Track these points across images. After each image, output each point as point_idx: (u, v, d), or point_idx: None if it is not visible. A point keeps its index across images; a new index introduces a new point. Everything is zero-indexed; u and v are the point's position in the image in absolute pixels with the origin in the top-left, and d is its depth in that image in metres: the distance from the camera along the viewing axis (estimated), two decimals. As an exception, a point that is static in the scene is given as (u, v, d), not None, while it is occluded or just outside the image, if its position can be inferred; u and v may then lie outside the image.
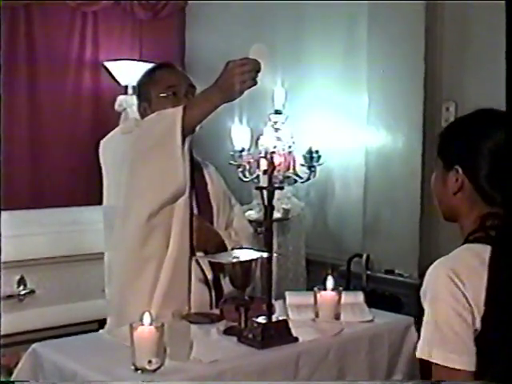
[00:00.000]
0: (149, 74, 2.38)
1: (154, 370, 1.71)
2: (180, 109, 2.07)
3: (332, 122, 3.79)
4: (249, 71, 1.96)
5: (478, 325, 1.34)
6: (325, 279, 2.16)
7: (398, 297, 3.33)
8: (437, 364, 1.35)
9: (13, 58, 4.23)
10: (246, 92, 2.03)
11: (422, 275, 3.34)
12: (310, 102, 3.87)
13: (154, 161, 2.10)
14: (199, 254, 2.26)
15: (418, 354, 1.38)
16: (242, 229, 2.45)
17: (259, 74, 1.98)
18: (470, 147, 1.42)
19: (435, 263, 1.40)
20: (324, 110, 3.81)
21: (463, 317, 1.33)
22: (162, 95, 2.28)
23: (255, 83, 1.98)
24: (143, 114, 2.33)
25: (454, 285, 1.34)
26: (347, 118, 3.81)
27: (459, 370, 1.33)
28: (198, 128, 2.17)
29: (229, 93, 2.00)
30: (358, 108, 3.67)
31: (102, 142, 2.30)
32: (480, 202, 1.43)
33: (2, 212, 2.94)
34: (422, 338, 1.40)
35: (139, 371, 1.71)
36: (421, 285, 1.44)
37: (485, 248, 1.36)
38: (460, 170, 1.43)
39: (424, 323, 1.39)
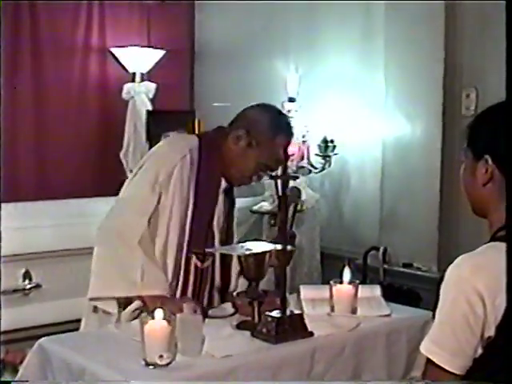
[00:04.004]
0: (274, 133, 2.23)
1: (166, 365, 1.70)
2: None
3: (348, 110, 3.75)
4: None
5: (493, 332, 1.30)
6: (341, 271, 2.14)
7: (416, 291, 3.30)
8: (429, 360, 1.34)
9: (18, 45, 4.20)
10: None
11: (440, 269, 3.31)
12: (324, 89, 3.83)
13: None
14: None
15: (420, 348, 1.38)
16: None
17: None
18: (499, 136, 1.39)
19: (459, 260, 1.35)
20: (339, 97, 3.77)
21: (470, 324, 1.31)
22: (259, 164, 2.23)
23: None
24: (235, 139, 2.23)
25: (473, 290, 1.30)
26: (364, 106, 3.76)
27: (448, 371, 1.31)
28: None
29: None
30: (375, 95, 3.63)
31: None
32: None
33: (8, 204, 2.89)
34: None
35: (150, 366, 1.70)
36: (441, 278, 1.39)
37: None
38: (490, 160, 1.40)
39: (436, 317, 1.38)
